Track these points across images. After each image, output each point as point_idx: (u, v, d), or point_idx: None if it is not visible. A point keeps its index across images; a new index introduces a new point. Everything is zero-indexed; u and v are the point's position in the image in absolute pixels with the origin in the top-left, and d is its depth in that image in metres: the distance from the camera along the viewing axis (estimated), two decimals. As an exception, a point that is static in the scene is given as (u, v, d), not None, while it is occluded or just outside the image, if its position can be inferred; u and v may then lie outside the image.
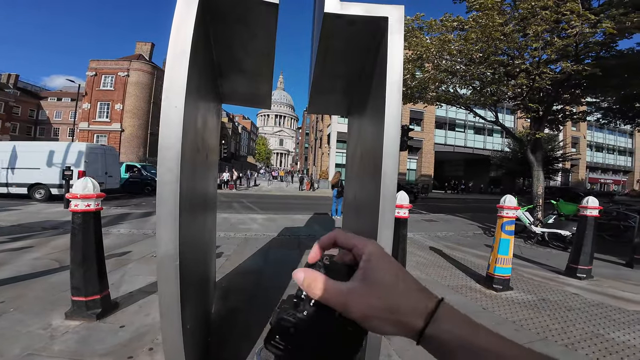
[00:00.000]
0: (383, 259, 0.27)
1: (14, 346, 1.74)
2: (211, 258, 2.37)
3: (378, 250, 0.27)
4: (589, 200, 3.56)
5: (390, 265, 0.27)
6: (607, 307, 2.71)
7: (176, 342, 0.99)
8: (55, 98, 38.66)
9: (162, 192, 0.91)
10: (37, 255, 3.44)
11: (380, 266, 0.26)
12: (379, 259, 0.27)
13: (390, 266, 0.27)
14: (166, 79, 0.93)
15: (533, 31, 5.64)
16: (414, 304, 0.25)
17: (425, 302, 0.25)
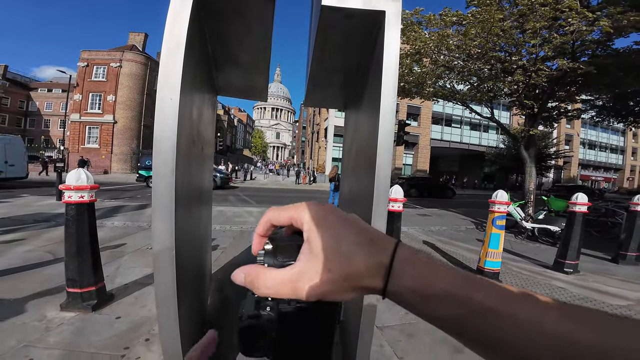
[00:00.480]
0: (321, 222, 0.24)
1: (9, 338, 1.74)
2: (207, 250, 2.39)
3: (314, 214, 0.24)
4: (578, 196, 3.65)
5: (330, 227, 0.23)
6: (592, 301, 2.81)
7: (172, 332, 1.01)
8: (45, 89, 37.56)
9: (158, 185, 0.91)
10: (29, 248, 3.40)
11: (321, 232, 0.23)
12: (317, 225, 0.24)
13: (331, 228, 0.23)
14: (161, 72, 0.92)
15: (531, 27, 5.66)
16: (366, 264, 0.22)
17: (379, 258, 0.22)
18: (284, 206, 0.27)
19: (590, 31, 5.56)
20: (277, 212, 0.27)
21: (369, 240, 0.23)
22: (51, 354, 1.64)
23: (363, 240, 0.23)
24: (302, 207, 0.25)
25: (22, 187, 10.08)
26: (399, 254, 0.23)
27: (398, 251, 0.23)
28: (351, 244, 0.23)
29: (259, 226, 0.27)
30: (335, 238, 0.23)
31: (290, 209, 0.26)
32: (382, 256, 0.23)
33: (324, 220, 0.24)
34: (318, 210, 0.25)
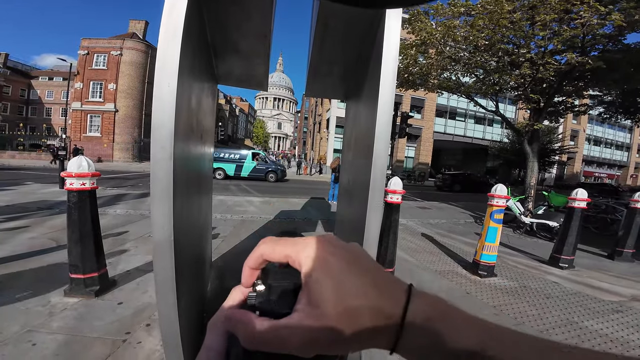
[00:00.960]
0: (321, 267, 0.21)
1: (13, 323, 1.77)
2: (207, 238, 2.43)
3: (313, 256, 0.22)
4: (578, 192, 3.65)
5: (332, 275, 0.21)
6: (584, 297, 2.85)
7: (171, 317, 1.05)
8: (46, 77, 37.26)
9: (156, 171, 0.93)
10: (33, 235, 3.43)
11: (321, 281, 0.21)
12: (317, 271, 0.21)
13: (333, 276, 0.21)
14: (158, 58, 0.92)
15: (541, 20, 5.52)
16: (374, 322, 0.20)
17: (389, 312, 0.20)
18: (280, 240, 0.24)
19: (601, 25, 5.42)
20: (271, 246, 0.24)
21: (377, 289, 0.21)
22: (54, 338, 1.67)
23: (370, 292, 0.20)
24: (300, 246, 0.23)
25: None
26: (412, 307, 0.20)
27: (411, 303, 0.20)
28: (357, 297, 0.20)
29: (250, 258, 0.25)
30: (337, 290, 0.20)
31: (287, 246, 0.23)
32: (393, 309, 0.20)
33: (325, 264, 0.21)
34: (317, 252, 0.22)
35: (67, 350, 1.58)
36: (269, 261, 0.24)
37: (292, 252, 0.23)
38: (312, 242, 0.23)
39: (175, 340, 1.05)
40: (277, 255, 0.24)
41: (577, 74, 6.49)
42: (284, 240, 0.24)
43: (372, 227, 1.24)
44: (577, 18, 5.40)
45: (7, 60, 35.81)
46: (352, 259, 0.22)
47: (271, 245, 0.24)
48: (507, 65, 6.86)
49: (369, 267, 0.22)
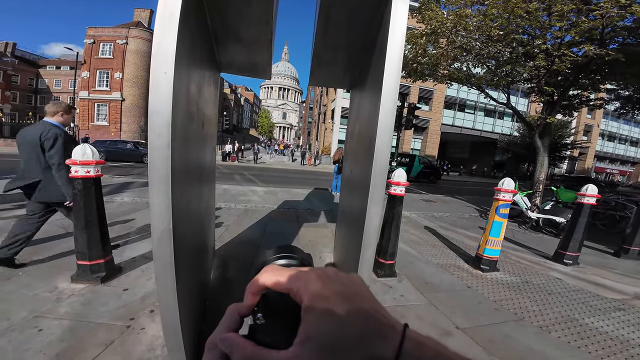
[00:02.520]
0: (322, 306, 0.22)
1: (21, 309, 1.81)
2: (209, 227, 2.45)
3: (316, 293, 0.22)
4: (588, 187, 3.56)
5: (332, 315, 0.21)
6: (586, 293, 2.81)
7: (170, 302, 1.07)
8: (54, 66, 37.45)
9: (153, 157, 0.92)
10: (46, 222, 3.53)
11: (321, 321, 0.21)
12: (318, 309, 0.22)
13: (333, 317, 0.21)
14: (154, 44, 0.90)
15: (558, 10, 5.26)
16: (368, 359, 0.20)
17: (383, 353, 0.21)
18: (283, 271, 0.25)
19: (622, 17, 5.15)
20: (274, 277, 0.25)
21: (374, 331, 0.21)
22: (60, 324, 1.70)
23: (367, 335, 0.21)
24: (302, 281, 0.23)
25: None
26: (405, 349, 0.21)
27: (404, 345, 0.21)
28: (354, 338, 0.21)
29: (252, 285, 0.26)
30: (336, 331, 0.21)
31: (291, 279, 0.24)
32: (387, 350, 0.21)
33: (326, 304, 0.22)
34: (320, 291, 0.23)
35: (72, 336, 1.61)
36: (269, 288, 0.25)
37: (294, 287, 0.23)
38: (314, 278, 0.24)
39: (174, 323, 1.07)
40: (279, 288, 0.24)
41: (594, 67, 6.22)
42: (286, 272, 0.25)
43: (372, 221, 1.23)
44: (597, 9, 5.13)
45: (14, 50, 36.02)
46: (351, 297, 0.23)
47: (274, 276, 0.25)
48: (521, 56, 6.60)
49: (367, 305, 0.23)
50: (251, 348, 0.22)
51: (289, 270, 0.25)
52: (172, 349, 1.17)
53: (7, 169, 8.15)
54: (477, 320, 2.16)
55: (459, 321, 2.13)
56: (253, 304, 0.26)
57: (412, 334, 0.22)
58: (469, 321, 2.14)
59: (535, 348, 1.87)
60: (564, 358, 1.81)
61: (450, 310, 2.27)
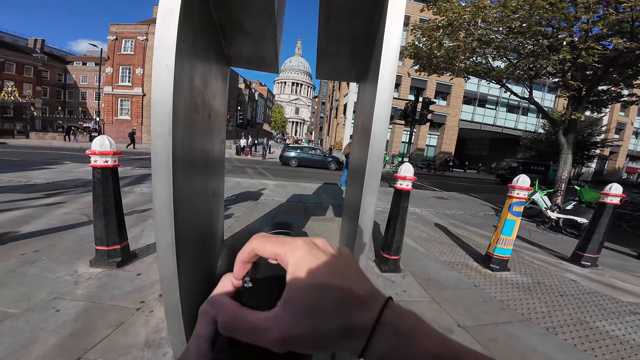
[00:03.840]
0: (306, 270, 0.22)
1: (42, 290, 1.94)
2: (217, 217, 2.54)
3: (300, 259, 0.23)
4: (612, 187, 3.35)
5: (314, 280, 0.22)
6: (601, 296, 2.69)
7: (171, 282, 1.13)
8: (80, 62, 39.50)
9: (156, 145, 0.98)
10: (67, 210, 3.74)
11: (303, 284, 0.22)
12: (301, 273, 0.22)
13: (315, 282, 0.22)
14: (156, 38, 0.94)
15: (584, 2, 4.91)
16: (346, 327, 0.21)
17: (362, 320, 0.21)
18: (272, 237, 0.25)
19: None
20: (263, 242, 0.25)
21: (356, 297, 0.22)
22: (76, 305, 1.81)
23: (348, 298, 0.21)
24: (289, 247, 0.24)
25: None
26: (384, 318, 0.21)
27: (384, 314, 0.21)
28: (334, 303, 0.21)
29: (242, 252, 0.26)
30: (317, 295, 0.21)
31: (277, 245, 0.24)
32: (366, 317, 0.21)
33: (309, 268, 0.22)
34: (305, 256, 0.23)
35: (86, 317, 1.72)
36: (259, 257, 0.26)
37: (281, 252, 0.24)
38: (300, 245, 0.24)
39: (175, 304, 1.14)
40: (267, 252, 0.25)
41: (625, 61, 5.77)
42: (275, 238, 0.25)
43: (367, 209, 1.24)
44: (625, 1, 4.74)
45: (43, 46, 38.17)
46: (336, 266, 0.23)
47: (263, 242, 0.25)
48: (545, 49, 6.22)
49: (352, 274, 0.23)
50: (235, 308, 0.23)
51: (278, 237, 0.25)
52: (173, 330, 1.24)
53: (40, 161, 8.78)
54: (480, 319, 2.13)
55: (462, 319, 2.10)
56: (244, 272, 0.26)
57: (394, 306, 0.22)
58: (472, 320, 2.11)
59: (538, 349, 1.83)
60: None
61: (453, 308, 2.25)
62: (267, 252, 0.25)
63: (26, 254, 2.42)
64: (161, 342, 1.60)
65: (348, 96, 23.71)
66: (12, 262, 2.27)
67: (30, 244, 2.63)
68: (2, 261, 2.26)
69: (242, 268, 0.26)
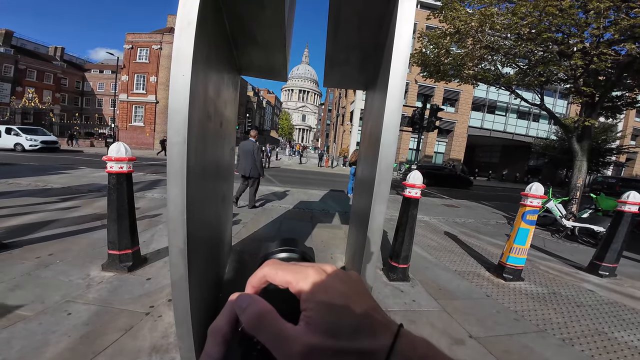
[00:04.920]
0: (320, 299, 0.23)
1: (55, 293, 1.97)
2: (225, 222, 2.57)
3: (314, 289, 0.23)
4: (630, 195, 3.23)
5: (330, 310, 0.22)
6: (620, 307, 2.58)
7: (182, 286, 1.15)
8: (97, 70, 41.20)
9: (172, 152, 1.01)
10: (82, 214, 3.82)
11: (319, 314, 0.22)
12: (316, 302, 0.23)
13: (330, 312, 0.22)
14: (174, 49, 0.99)
15: (594, 8, 4.86)
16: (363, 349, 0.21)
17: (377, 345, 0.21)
18: (284, 265, 0.26)
19: None
20: (275, 270, 0.25)
21: (367, 327, 0.22)
22: (88, 309, 1.84)
23: (363, 324, 0.22)
24: (302, 275, 0.24)
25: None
26: (397, 346, 0.21)
27: (396, 347, 0.21)
28: (352, 327, 0.22)
29: (253, 277, 0.26)
30: (335, 318, 0.22)
31: (289, 273, 0.25)
32: (380, 344, 0.21)
33: (324, 297, 0.23)
34: (319, 285, 0.23)
35: (96, 320, 1.75)
36: (270, 282, 0.26)
37: (293, 280, 0.24)
38: (312, 272, 0.24)
39: (185, 308, 1.15)
40: (278, 280, 0.25)
41: (639, 67, 5.63)
42: (286, 266, 0.26)
43: (376, 218, 1.24)
44: (636, 7, 4.67)
45: (63, 54, 40.00)
46: (349, 291, 0.24)
47: (274, 270, 0.25)
48: (556, 55, 6.15)
49: (365, 306, 0.23)
50: (270, 307, 0.23)
51: (290, 264, 0.26)
52: (182, 335, 1.25)
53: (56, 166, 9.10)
54: (493, 330, 2.06)
55: (474, 330, 2.04)
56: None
57: (406, 334, 0.22)
58: (485, 330, 2.04)
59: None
60: (588, 375, 1.68)
61: (464, 318, 2.18)
62: (278, 280, 0.25)
63: (41, 257, 2.49)
64: (169, 347, 1.61)
65: (355, 103, 23.85)
66: (27, 264, 2.33)
67: (45, 247, 2.70)
68: (18, 264, 2.33)
69: (252, 292, 0.26)
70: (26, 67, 32.41)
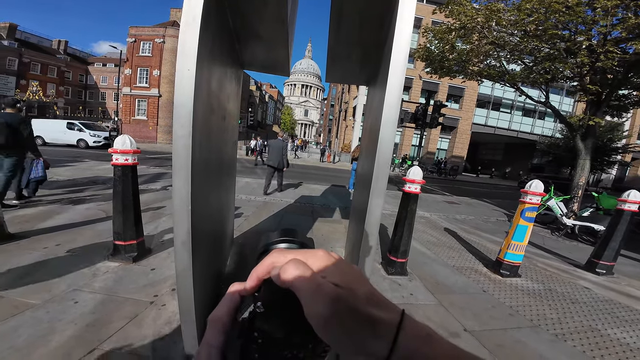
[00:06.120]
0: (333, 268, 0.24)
1: (62, 283, 2.03)
2: (228, 215, 2.62)
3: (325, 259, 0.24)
4: (630, 193, 3.24)
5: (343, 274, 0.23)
6: (615, 304, 2.62)
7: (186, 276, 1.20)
8: (100, 63, 41.12)
9: (177, 145, 1.05)
10: (87, 206, 3.89)
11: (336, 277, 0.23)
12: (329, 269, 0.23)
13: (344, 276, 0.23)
14: (180, 43, 1.01)
15: (602, 6, 4.78)
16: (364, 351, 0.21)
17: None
18: (292, 251, 0.26)
19: None
20: (283, 255, 0.26)
21: (377, 303, 0.22)
22: (94, 298, 1.90)
23: (373, 301, 0.22)
24: (311, 254, 0.25)
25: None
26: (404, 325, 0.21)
27: (404, 322, 0.22)
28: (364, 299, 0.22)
29: (261, 266, 0.26)
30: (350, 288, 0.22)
31: (299, 253, 0.25)
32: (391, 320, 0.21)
33: (335, 271, 0.23)
34: (328, 263, 0.24)
35: (102, 309, 1.80)
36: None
37: (303, 258, 0.24)
38: (322, 253, 0.25)
39: (188, 296, 1.20)
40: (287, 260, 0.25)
41: None
42: (294, 250, 0.26)
43: (374, 211, 1.27)
44: None
45: (67, 47, 39.92)
46: (356, 273, 0.24)
47: (282, 255, 0.26)
48: (563, 52, 6.07)
49: (369, 284, 0.24)
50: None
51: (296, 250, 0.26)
52: (186, 321, 1.31)
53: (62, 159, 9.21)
54: (488, 324, 2.10)
55: (469, 324, 2.08)
56: (254, 287, 0.26)
57: (409, 316, 0.22)
58: (479, 324, 2.09)
59: (546, 355, 1.80)
60: (577, 368, 1.72)
61: (460, 312, 2.23)
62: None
63: (48, 247, 2.55)
64: (172, 334, 1.66)
65: (357, 99, 23.69)
66: (35, 254, 2.40)
67: (52, 237, 2.77)
68: (27, 253, 2.39)
69: (255, 283, 0.26)
70: (30, 60, 32.45)
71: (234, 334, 0.25)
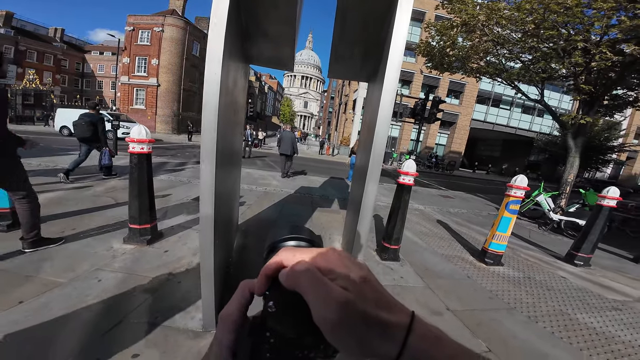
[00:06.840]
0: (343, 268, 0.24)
1: (84, 263, 2.19)
2: (234, 204, 2.82)
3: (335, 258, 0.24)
4: (609, 190, 3.47)
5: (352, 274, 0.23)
6: (587, 293, 2.86)
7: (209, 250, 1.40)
8: (97, 52, 40.30)
9: (205, 137, 1.23)
10: (95, 193, 4.03)
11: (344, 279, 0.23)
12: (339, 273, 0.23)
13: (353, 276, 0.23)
14: (208, 51, 1.18)
15: (598, 8, 4.91)
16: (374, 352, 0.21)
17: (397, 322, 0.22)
18: (301, 249, 0.26)
19: None
20: (292, 253, 0.26)
21: (387, 305, 0.23)
22: (115, 276, 2.07)
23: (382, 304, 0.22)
24: (319, 253, 0.25)
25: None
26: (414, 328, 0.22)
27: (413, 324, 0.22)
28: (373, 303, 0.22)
29: (269, 266, 0.25)
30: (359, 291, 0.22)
31: (307, 253, 0.25)
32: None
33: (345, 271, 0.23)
34: (339, 263, 0.24)
35: (124, 285, 1.97)
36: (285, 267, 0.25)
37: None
38: (331, 252, 0.25)
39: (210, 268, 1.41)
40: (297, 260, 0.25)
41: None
42: (303, 249, 0.26)
43: (369, 196, 1.47)
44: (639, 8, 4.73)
45: (63, 35, 39.05)
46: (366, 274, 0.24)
47: (292, 253, 0.26)
48: (560, 51, 6.21)
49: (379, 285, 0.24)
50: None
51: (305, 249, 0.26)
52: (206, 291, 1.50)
53: (65, 147, 9.28)
54: (469, 305, 2.34)
55: (452, 304, 2.32)
56: (265, 286, 0.25)
57: (419, 318, 0.23)
58: (461, 305, 2.33)
59: (518, 335, 2.03)
60: (544, 346, 1.95)
61: (445, 294, 2.46)
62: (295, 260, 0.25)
63: (65, 231, 2.70)
64: (188, 307, 1.85)
65: (358, 92, 23.64)
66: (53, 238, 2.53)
67: (67, 222, 2.92)
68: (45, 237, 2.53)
69: (265, 282, 0.25)
70: (26, 48, 31.80)
71: (244, 332, 0.25)
